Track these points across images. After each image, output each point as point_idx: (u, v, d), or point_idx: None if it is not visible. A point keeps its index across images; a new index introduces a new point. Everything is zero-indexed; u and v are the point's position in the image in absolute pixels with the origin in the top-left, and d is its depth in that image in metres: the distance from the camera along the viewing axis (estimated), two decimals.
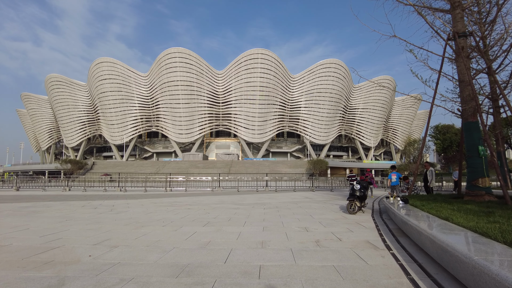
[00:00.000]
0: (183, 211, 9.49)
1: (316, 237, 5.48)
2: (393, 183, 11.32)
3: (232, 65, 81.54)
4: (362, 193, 9.26)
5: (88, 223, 7.16)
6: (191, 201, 13.44)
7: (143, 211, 9.68)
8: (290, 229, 6.29)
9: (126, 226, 6.75)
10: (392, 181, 11.33)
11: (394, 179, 11.39)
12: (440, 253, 3.41)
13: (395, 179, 11.41)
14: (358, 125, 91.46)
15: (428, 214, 5.50)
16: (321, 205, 11.47)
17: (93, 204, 12.11)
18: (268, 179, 23.43)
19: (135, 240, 5.23)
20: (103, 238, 5.43)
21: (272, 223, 7.11)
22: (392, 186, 11.31)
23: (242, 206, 11.13)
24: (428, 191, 11.23)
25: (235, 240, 5.22)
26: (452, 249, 2.92)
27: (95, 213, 9.18)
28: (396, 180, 11.04)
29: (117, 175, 32.65)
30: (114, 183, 24.68)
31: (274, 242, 5.06)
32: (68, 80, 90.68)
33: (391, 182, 11.32)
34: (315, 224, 6.92)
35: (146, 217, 8.23)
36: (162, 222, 7.31)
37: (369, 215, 8.87)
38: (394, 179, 11.39)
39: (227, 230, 6.19)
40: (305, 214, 8.75)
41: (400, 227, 6.19)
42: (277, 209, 10.18)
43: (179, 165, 63.80)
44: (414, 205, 6.84)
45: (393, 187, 11.22)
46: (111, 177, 29.46)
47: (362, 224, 7.06)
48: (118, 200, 14.09)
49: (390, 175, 11.46)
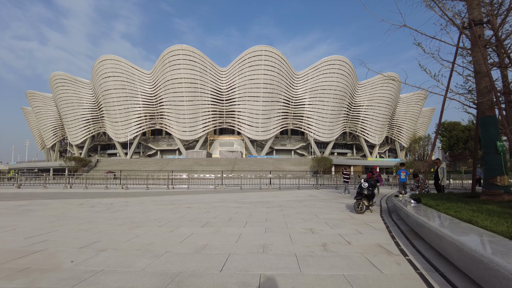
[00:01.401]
0: (182, 210, 9.09)
1: (323, 239, 5.02)
2: (401, 179, 10.80)
3: (236, 62, 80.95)
4: (370, 191, 8.77)
5: (81, 223, 6.78)
6: (192, 199, 13.05)
7: (141, 209, 9.31)
8: (294, 230, 5.84)
9: (120, 226, 6.36)
10: (401, 177, 10.81)
11: (403, 176, 10.86)
12: (469, 263, 2.94)
13: (404, 176, 10.87)
14: (363, 123, 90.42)
15: (446, 215, 5.01)
16: (327, 204, 11.00)
17: (91, 202, 11.79)
18: (272, 176, 22.96)
19: (126, 243, 4.83)
20: (92, 240, 5.04)
21: (275, 223, 6.66)
22: (400, 183, 10.80)
23: (244, 205, 10.71)
24: (439, 190, 10.64)
25: (234, 243, 4.78)
26: (492, 262, 2.43)
27: (91, 212, 8.83)
28: (404, 177, 10.53)
29: (119, 173, 32.56)
30: (116, 181, 24.42)
31: (277, 245, 4.61)
32: (72, 78, 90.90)
33: (399, 178, 10.84)
34: (321, 225, 6.46)
35: (142, 216, 7.85)
36: (158, 222, 6.91)
37: (378, 215, 8.39)
38: (403, 176, 10.86)
39: (227, 231, 5.76)
40: (310, 214, 8.29)
41: (414, 229, 5.71)
42: (281, 208, 9.74)
43: (183, 163, 63.66)
44: (428, 205, 6.35)
45: (402, 184, 10.70)
46: (114, 174, 29.24)
47: (371, 224, 6.59)
48: (118, 198, 13.76)
49: (399, 172, 10.89)
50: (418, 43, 9.03)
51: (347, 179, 17.08)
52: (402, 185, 10.65)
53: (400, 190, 10.57)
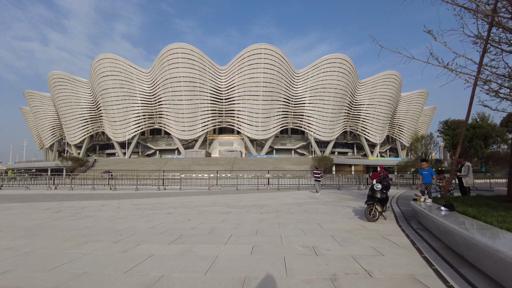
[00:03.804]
0: (159, 217, 7.64)
1: (331, 268, 3.55)
2: (427, 180, 8.52)
3: (235, 61, 79.41)
4: (384, 194, 7.31)
5: (18, 236, 5.33)
6: (179, 202, 11.59)
7: (111, 216, 7.86)
8: (291, 250, 4.38)
9: (65, 242, 4.90)
10: (426, 178, 8.56)
11: (428, 176, 8.62)
12: None
13: (429, 176, 8.58)
14: (364, 121, 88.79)
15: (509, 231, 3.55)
16: (330, 208, 9.53)
17: (62, 206, 10.34)
18: (270, 176, 21.48)
19: (49, 272, 3.38)
20: (8, 265, 3.60)
21: (266, 238, 5.20)
22: (425, 184, 8.52)
23: (235, 209, 9.25)
24: (463, 192, 9.14)
25: (203, 275, 3.31)
26: None
27: (50, 219, 7.39)
28: (429, 178, 8.40)
29: (114, 173, 31.10)
30: (105, 181, 22.95)
31: (265, 281, 3.16)
32: (70, 77, 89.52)
33: (422, 179, 8.55)
34: (326, 240, 5.00)
35: (106, 226, 6.40)
36: (119, 234, 5.46)
37: (394, 223, 6.92)
38: (428, 176, 8.60)
39: (199, 252, 4.29)
40: (312, 222, 6.83)
41: (451, 246, 4.25)
42: (277, 213, 8.28)
43: (181, 162, 62.27)
44: (467, 214, 4.87)
45: (427, 185, 8.46)
46: (111, 174, 27.94)
47: (391, 239, 5.12)
48: (97, 200, 12.32)
49: (420, 171, 8.70)
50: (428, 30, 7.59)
51: (318, 178, 16.61)
52: (426, 187, 8.33)
53: (423, 191, 8.40)
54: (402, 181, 23.78)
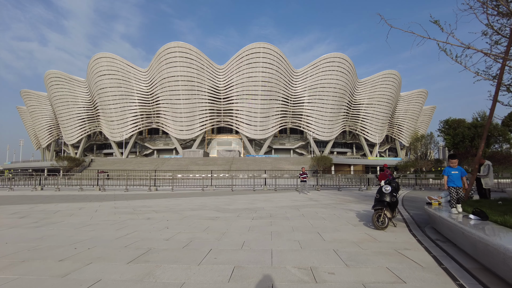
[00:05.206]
0: (134, 224, 6.63)
1: None
2: (458, 183, 5.85)
3: (234, 60, 78.34)
4: (394, 198, 6.32)
5: None
6: (165, 205, 10.57)
7: (80, 222, 6.85)
8: (283, 273, 3.37)
9: None
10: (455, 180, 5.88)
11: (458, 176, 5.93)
12: None
13: (459, 177, 5.92)
14: (363, 121, 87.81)
15: None
16: (331, 212, 8.53)
17: (35, 209, 9.32)
18: (266, 176, 20.46)
19: None
20: None
21: (254, 254, 4.18)
22: (455, 188, 5.83)
23: (225, 214, 8.24)
24: (483, 195, 8.09)
25: None
26: None
27: (6, 226, 6.38)
28: (458, 179, 5.82)
29: (111, 173, 30.03)
30: (94, 182, 21.90)
31: None
32: (67, 76, 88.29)
33: (451, 181, 5.88)
34: (328, 257, 3.99)
35: (66, 235, 5.38)
36: (73, 248, 4.44)
37: (406, 231, 5.94)
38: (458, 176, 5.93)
39: (162, 277, 3.27)
40: (310, 231, 5.82)
41: (498, 273, 3.26)
42: (271, 219, 7.27)
43: (179, 162, 61.29)
44: (505, 224, 3.88)
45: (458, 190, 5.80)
46: (107, 174, 26.97)
47: (408, 255, 4.12)
48: (78, 203, 11.29)
49: (447, 170, 5.97)
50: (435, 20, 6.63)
51: (304, 179, 16.14)
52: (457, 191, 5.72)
53: (452, 200, 5.82)
54: (405, 181, 22.78)
